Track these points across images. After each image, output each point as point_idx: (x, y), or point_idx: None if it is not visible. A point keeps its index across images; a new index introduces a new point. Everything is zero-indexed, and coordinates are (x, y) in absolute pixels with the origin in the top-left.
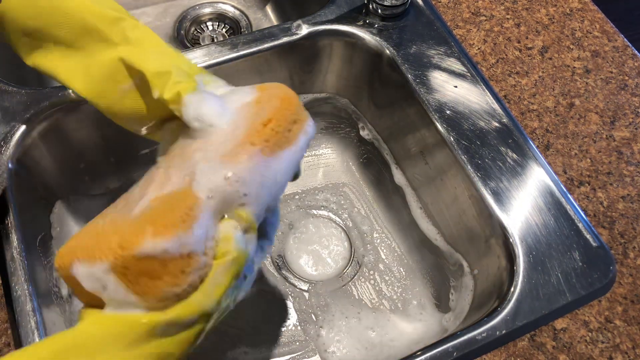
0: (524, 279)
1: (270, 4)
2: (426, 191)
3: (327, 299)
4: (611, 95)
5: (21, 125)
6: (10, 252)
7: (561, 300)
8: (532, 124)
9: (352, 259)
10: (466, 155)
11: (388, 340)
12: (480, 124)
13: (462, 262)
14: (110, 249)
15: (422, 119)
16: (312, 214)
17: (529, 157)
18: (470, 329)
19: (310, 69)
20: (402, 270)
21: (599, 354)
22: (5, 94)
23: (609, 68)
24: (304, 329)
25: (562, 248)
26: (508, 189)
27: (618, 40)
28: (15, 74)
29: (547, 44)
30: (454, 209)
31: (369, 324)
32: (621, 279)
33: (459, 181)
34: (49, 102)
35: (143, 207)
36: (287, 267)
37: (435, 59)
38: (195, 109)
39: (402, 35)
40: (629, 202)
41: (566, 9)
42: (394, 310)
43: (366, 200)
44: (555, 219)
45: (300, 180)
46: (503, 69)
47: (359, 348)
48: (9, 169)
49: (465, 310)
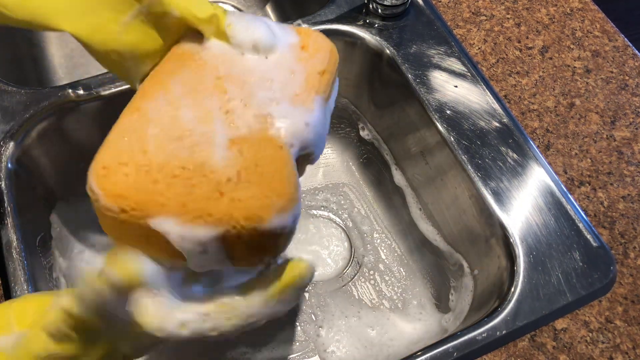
0: (524, 279)
1: (270, 3)
2: (426, 191)
3: (327, 299)
4: (612, 95)
5: (21, 126)
6: (10, 252)
7: (561, 300)
8: (532, 124)
9: (352, 259)
10: (466, 155)
11: (387, 339)
12: (480, 124)
13: (462, 262)
14: (228, 216)
15: (422, 118)
16: (312, 214)
17: (530, 157)
18: (470, 329)
19: None
20: (402, 270)
21: (599, 354)
22: (5, 94)
23: (609, 68)
24: (304, 329)
25: (563, 248)
26: (508, 189)
27: (618, 40)
28: (15, 74)
29: (547, 43)
30: (454, 209)
31: (368, 322)
32: (621, 279)
33: (459, 181)
34: (48, 102)
35: (229, 155)
36: None
37: (435, 59)
38: (250, 33)
39: (402, 35)
40: (629, 202)
41: (566, 9)
42: (393, 309)
43: (366, 201)
44: (555, 219)
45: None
46: (503, 69)
47: (359, 347)
48: (8, 169)
49: (465, 311)
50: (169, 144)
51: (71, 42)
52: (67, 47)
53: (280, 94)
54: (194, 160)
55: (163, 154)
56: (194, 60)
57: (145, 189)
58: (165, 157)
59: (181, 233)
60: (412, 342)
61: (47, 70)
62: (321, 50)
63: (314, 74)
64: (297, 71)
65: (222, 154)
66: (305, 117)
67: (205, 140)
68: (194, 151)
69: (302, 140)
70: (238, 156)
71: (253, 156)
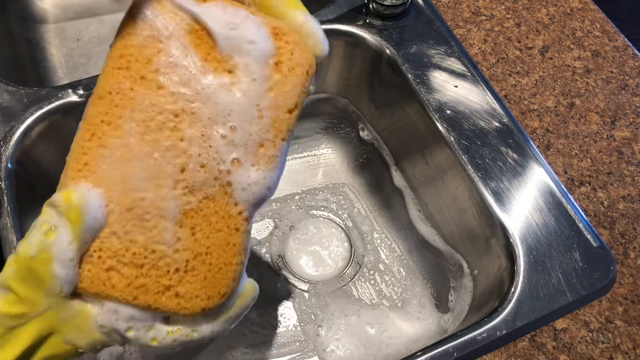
0: (524, 279)
1: None
2: (426, 191)
3: (327, 299)
4: (612, 95)
5: (21, 125)
6: (10, 252)
7: (561, 300)
8: (532, 124)
9: (352, 259)
10: (466, 155)
11: (386, 337)
12: (480, 124)
13: (462, 262)
14: (169, 309)
15: (422, 118)
16: (312, 214)
17: (530, 157)
18: (470, 329)
19: None
20: (402, 270)
21: (599, 354)
22: (5, 94)
23: (609, 68)
24: (304, 329)
25: (563, 248)
26: (508, 189)
27: (619, 40)
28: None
29: (547, 43)
30: (454, 209)
31: (368, 320)
32: (622, 279)
33: (459, 181)
34: (48, 102)
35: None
36: (287, 267)
37: (435, 59)
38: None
39: (402, 35)
40: (629, 202)
41: (567, 9)
42: (393, 308)
43: (366, 201)
44: (555, 219)
45: (300, 181)
46: (503, 69)
47: (358, 345)
48: (8, 169)
49: (465, 311)
50: (122, 217)
51: (71, 42)
52: (67, 47)
53: (243, 148)
54: (146, 243)
55: (117, 239)
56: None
57: (99, 278)
58: (120, 241)
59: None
60: (411, 341)
61: (47, 70)
62: (297, 67)
63: (283, 114)
64: (265, 108)
65: (173, 234)
66: (268, 181)
67: (157, 212)
68: (145, 228)
69: (260, 204)
70: (189, 238)
71: (205, 241)
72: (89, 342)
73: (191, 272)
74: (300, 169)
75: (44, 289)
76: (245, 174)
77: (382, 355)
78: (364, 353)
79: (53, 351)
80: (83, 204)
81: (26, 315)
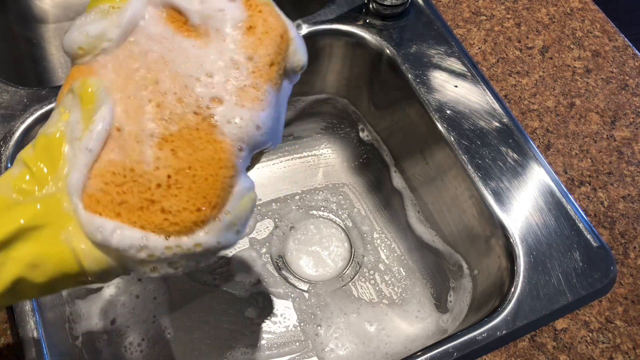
0: (524, 279)
1: None
2: (426, 191)
3: (327, 298)
4: (612, 95)
5: (21, 125)
6: None
7: (562, 300)
8: (532, 124)
9: (352, 260)
10: (466, 155)
11: (385, 335)
12: (480, 124)
13: (462, 263)
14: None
15: (422, 118)
16: (312, 214)
17: (530, 157)
18: (470, 329)
19: (310, 69)
20: (402, 270)
21: (599, 354)
22: (5, 94)
23: (609, 68)
24: (304, 329)
25: (563, 248)
26: (508, 189)
27: (619, 40)
28: (15, 74)
29: (547, 43)
30: (454, 209)
31: (367, 317)
32: (622, 279)
33: (459, 181)
34: (48, 102)
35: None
36: (287, 267)
37: (435, 59)
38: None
39: (402, 35)
40: (629, 202)
41: (567, 9)
42: (392, 307)
43: (366, 201)
44: (555, 219)
45: (300, 181)
46: (503, 69)
47: (357, 343)
48: (8, 169)
49: (464, 312)
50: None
51: None
52: None
53: (223, 90)
54: (124, 163)
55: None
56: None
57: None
58: (99, 162)
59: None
60: (409, 340)
61: (47, 70)
62: (270, 31)
63: (262, 66)
64: (241, 63)
65: (152, 154)
66: (255, 119)
67: (134, 139)
68: (124, 149)
69: (253, 143)
70: (169, 157)
71: (187, 157)
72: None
73: (174, 186)
74: (300, 169)
75: (55, 169)
76: (228, 110)
77: (381, 354)
78: (362, 351)
79: (49, 250)
80: (98, 90)
81: (31, 193)
